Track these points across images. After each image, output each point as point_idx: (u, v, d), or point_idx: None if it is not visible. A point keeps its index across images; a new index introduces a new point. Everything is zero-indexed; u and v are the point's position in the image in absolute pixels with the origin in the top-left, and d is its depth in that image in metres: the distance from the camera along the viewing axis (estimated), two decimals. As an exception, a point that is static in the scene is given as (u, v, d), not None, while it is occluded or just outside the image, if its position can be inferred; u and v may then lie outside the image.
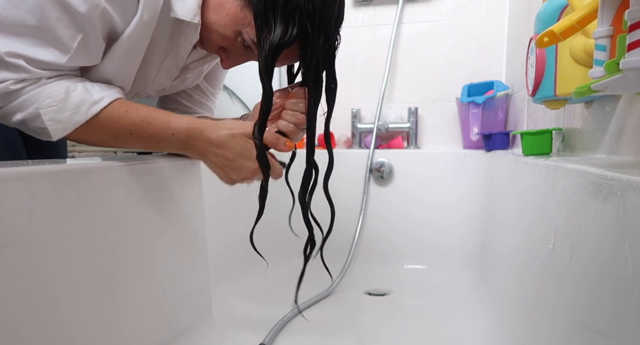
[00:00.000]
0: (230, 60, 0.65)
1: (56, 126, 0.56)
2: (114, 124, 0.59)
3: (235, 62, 0.65)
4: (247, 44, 0.60)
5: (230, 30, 0.59)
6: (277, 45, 0.55)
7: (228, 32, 0.59)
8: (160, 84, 0.71)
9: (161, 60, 0.66)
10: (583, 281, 0.44)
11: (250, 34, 0.58)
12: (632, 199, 0.34)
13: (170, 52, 0.65)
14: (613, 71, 0.40)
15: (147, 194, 0.64)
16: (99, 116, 0.58)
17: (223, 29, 0.59)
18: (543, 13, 0.68)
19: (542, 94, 0.70)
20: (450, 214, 1.35)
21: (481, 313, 0.96)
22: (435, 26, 1.50)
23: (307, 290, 1.11)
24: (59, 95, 0.55)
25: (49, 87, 0.55)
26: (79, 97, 0.56)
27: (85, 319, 0.53)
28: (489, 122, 1.34)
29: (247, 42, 0.59)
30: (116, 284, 0.58)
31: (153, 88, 0.72)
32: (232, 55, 0.64)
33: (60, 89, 0.55)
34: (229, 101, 1.47)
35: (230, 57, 0.64)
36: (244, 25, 0.58)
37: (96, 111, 0.57)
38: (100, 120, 0.58)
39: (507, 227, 0.89)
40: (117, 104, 0.59)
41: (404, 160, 1.41)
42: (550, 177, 0.58)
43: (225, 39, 0.60)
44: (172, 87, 0.76)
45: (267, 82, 0.57)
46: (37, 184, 0.46)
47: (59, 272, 0.49)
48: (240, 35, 0.59)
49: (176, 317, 0.73)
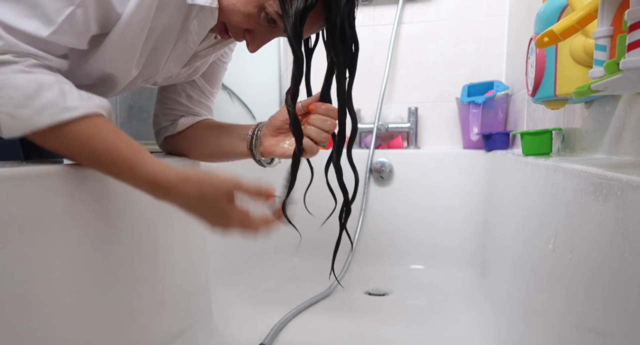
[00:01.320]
0: (257, 40, 0.64)
1: (10, 122, 0.48)
2: (78, 143, 0.52)
3: (261, 42, 0.64)
4: (270, 18, 0.59)
5: (253, 6, 0.58)
6: (304, 9, 0.55)
7: (251, 8, 0.59)
8: (170, 70, 0.70)
9: (172, 47, 0.65)
10: (583, 281, 0.44)
11: (274, 6, 0.58)
12: (632, 199, 0.34)
13: (180, 39, 0.65)
14: (613, 71, 0.40)
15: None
16: (65, 127, 0.50)
17: (245, 7, 0.59)
18: (543, 13, 0.68)
19: (542, 94, 0.70)
20: (450, 214, 1.35)
21: (481, 313, 0.96)
22: (435, 26, 1.50)
23: (307, 290, 1.11)
24: (28, 89, 0.49)
25: (21, 76, 0.49)
26: (50, 98, 0.50)
27: (85, 319, 0.53)
28: (489, 122, 1.35)
29: (271, 15, 0.58)
30: (116, 284, 0.58)
31: (162, 75, 0.71)
32: (257, 36, 0.63)
33: (32, 83, 0.49)
34: (229, 101, 1.47)
35: (256, 38, 0.63)
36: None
37: (62, 119, 0.50)
38: (65, 132, 0.51)
39: (507, 227, 0.89)
40: (90, 121, 0.52)
41: (404, 160, 1.41)
42: (550, 177, 0.58)
43: (249, 17, 0.59)
44: (180, 75, 0.76)
45: (297, 48, 0.58)
46: (37, 185, 0.46)
47: (59, 273, 0.49)
48: (263, 10, 0.59)
49: (176, 317, 0.73)
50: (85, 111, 0.52)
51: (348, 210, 0.69)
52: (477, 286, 1.15)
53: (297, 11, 0.55)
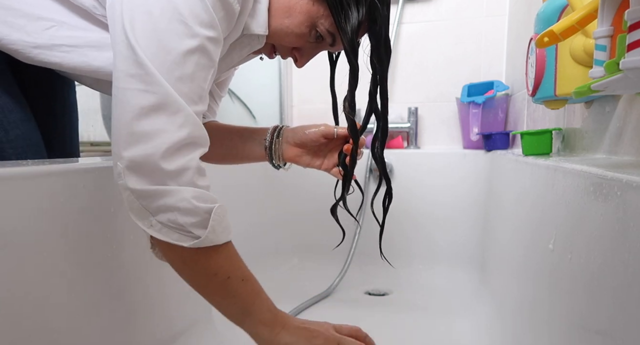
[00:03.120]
0: (304, 57, 0.67)
1: (210, 236, 0.50)
2: (228, 261, 0.56)
3: (308, 58, 0.68)
4: (319, 35, 0.62)
5: (305, 26, 0.61)
6: (358, 24, 0.59)
7: (303, 29, 0.61)
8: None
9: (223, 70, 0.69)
10: (583, 281, 0.44)
11: (326, 24, 0.61)
12: (632, 199, 0.34)
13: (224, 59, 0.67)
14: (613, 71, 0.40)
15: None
16: (227, 250, 0.55)
17: (299, 29, 0.61)
18: (543, 13, 0.68)
19: (542, 94, 0.70)
20: (450, 214, 1.35)
21: (481, 313, 0.96)
22: (435, 26, 1.50)
23: (307, 290, 1.11)
24: (224, 209, 0.52)
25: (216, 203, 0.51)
26: (227, 218, 0.53)
27: (85, 319, 0.53)
28: (489, 122, 1.34)
29: (321, 33, 0.62)
30: (116, 284, 0.58)
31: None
32: (305, 53, 0.66)
33: (221, 206, 0.52)
34: (229, 101, 1.48)
35: (304, 55, 0.67)
36: (318, 18, 0.60)
37: (229, 236, 0.54)
38: (227, 249, 0.55)
39: (507, 227, 0.89)
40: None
41: (404, 160, 1.41)
42: (550, 177, 0.58)
43: (301, 37, 0.62)
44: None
45: (355, 60, 0.61)
46: (37, 184, 0.46)
47: (59, 273, 0.49)
48: (314, 28, 0.62)
49: (176, 317, 0.73)
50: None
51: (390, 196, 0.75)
52: (477, 286, 1.15)
53: (353, 27, 0.59)
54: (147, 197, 0.48)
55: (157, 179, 0.48)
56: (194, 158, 0.50)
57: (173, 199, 0.48)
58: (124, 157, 0.47)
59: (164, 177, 0.48)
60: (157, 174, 0.47)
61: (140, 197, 0.48)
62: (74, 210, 0.51)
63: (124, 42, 0.48)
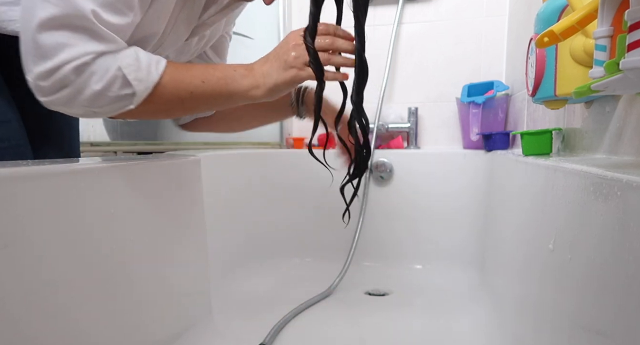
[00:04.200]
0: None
1: (140, 86, 0.54)
2: (181, 82, 0.58)
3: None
4: None
5: None
6: None
7: None
8: (179, 37, 0.71)
9: (179, 9, 0.66)
10: (583, 281, 0.44)
11: None
12: (632, 199, 0.34)
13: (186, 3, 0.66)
14: (613, 71, 0.40)
15: (147, 194, 0.64)
16: (165, 75, 0.57)
17: None
18: (543, 13, 0.68)
19: (542, 94, 0.70)
20: (450, 214, 1.35)
21: (481, 313, 0.96)
22: (435, 26, 1.50)
23: (307, 290, 1.11)
24: (132, 54, 0.54)
25: (121, 52, 0.54)
26: (144, 55, 0.56)
27: (85, 320, 0.53)
28: (489, 122, 1.34)
29: None
30: (116, 285, 0.58)
31: (171, 43, 0.71)
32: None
33: (130, 50, 0.55)
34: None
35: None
36: None
37: (163, 67, 0.56)
38: (167, 79, 0.57)
39: (507, 227, 0.89)
40: (171, 64, 0.59)
41: (404, 160, 1.41)
42: (550, 177, 0.58)
43: None
44: (190, 48, 0.76)
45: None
46: (37, 184, 0.46)
47: (59, 273, 0.49)
48: None
49: (176, 317, 0.73)
50: (164, 59, 0.58)
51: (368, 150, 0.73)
52: (477, 286, 1.15)
53: None
54: (69, 99, 0.52)
55: (68, 81, 0.51)
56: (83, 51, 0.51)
57: (90, 89, 0.52)
58: (32, 71, 0.49)
59: (68, 75, 0.50)
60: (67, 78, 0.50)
61: (67, 102, 0.52)
62: (74, 210, 0.51)
63: None
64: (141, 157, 0.69)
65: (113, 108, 0.56)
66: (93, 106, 0.55)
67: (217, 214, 1.02)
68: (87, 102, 0.54)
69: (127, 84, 0.53)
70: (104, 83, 0.52)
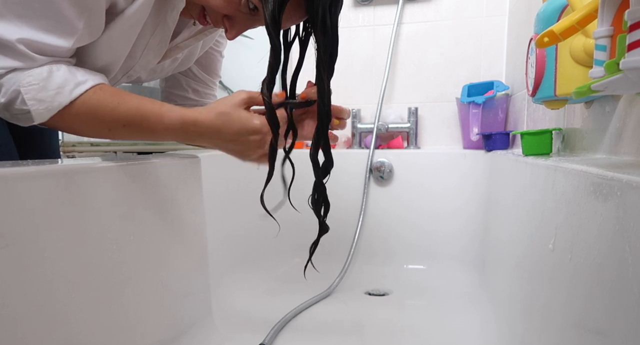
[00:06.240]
0: (236, 28, 0.63)
1: (38, 106, 0.53)
2: (103, 114, 0.56)
3: (240, 30, 0.63)
4: (252, 6, 0.58)
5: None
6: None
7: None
8: (150, 61, 0.70)
9: (149, 36, 0.65)
10: (583, 281, 0.44)
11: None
12: (632, 199, 0.34)
13: (157, 27, 0.64)
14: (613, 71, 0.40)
15: (147, 194, 0.64)
16: (86, 100, 0.55)
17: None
18: (543, 13, 0.68)
19: (542, 94, 0.70)
20: (450, 214, 1.35)
21: (481, 313, 0.96)
22: (435, 26, 1.50)
23: (307, 290, 1.11)
24: (42, 73, 0.53)
25: (35, 68, 0.53)
26: (63, 76, 0.54)
27: (85, 320, 0.53)
28: (489, 122, 1.35)
29: (252, 2, 0.58)
30: (116, 284, 0.58)
31: (142, 66, 0.70)
32: (236, 23, 0.62)
33: (44, 69, 0.53)
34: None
35: (235, 25, 0.62)
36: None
37: (80, 92, 0.54)
38: (87, 105, 0.55)
39: (507, 227, 0.89)
40: (104, 91, 0.57)
41: (404, 160, 1.41)
42: (550, 177, 0.58)
43: (229, 2, 0.59)
44: (163, 69, 0.75)
45: (275, 36, 0.56)
46: (37, 184, 0.46)
47: (59, 273, 0.49)
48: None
49: (176, 317, 0.73)
50: (96, 81, 0.56)
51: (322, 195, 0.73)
52: (477, 286, 1.15)
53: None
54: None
55: None
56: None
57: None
58: None
59: None
60: None
61: None
62: (74, 210, 0.51)
63: None
64: (141, 157, 0.69)
65: (21, 120, 0.56)
66: (4, 116, 0.56)
67: (217, 213, 1.02)
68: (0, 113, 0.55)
69: (24, 103, 0.53)
70: (7, 98, 0.53)
